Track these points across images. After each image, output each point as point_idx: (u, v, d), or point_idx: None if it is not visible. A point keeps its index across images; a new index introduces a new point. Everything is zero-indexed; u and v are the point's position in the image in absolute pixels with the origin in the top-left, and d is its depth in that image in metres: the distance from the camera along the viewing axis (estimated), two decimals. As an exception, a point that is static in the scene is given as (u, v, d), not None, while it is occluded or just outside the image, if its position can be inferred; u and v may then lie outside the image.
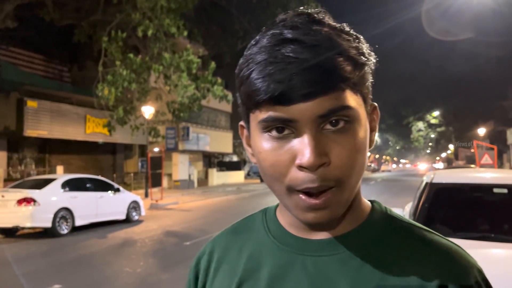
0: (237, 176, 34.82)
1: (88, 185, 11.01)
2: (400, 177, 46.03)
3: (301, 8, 0.58)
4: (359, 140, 0.54)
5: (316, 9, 0.58)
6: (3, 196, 9.54)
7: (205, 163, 32.43)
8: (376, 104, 0.61)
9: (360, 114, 0.55)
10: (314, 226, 0.60)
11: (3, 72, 17.81)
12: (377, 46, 0.62)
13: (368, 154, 0.60)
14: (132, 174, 23.24)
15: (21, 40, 19.10)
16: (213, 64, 12.55)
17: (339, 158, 0.53)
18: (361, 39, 0.58)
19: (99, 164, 22.26)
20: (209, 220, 12.26)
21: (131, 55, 11.48)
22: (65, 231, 9.86)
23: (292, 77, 0.50)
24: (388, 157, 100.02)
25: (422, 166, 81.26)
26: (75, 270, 6.64)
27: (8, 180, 15.96)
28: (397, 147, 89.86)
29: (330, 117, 0.52)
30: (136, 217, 12.12)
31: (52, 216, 9.58)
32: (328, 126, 0.53)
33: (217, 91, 12.79)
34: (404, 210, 4.44)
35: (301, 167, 0.52)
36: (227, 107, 30.74)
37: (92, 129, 19.43)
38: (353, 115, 0.54)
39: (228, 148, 33.57)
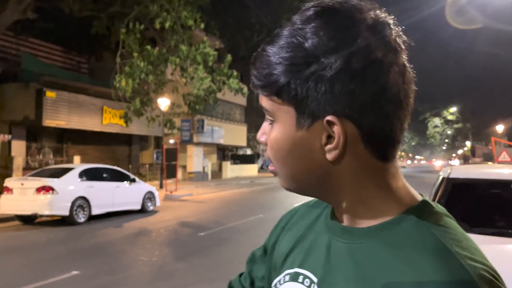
0: (251, 169, 34.91)
1: (104, 175, 11.19)
2: (415, 173, 45.58)
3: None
4: (274, 137, 0.61)
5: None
6: (22, 184, 9.76)
7: (219, 156, 32.59)
8: (330, 119, 0.55)
9: (280, 119, 0.60)
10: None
11: (23, 63, 18.13)
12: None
13: None
14: (147, 165, 23.50)
15: (40, 31, 19.39)
16: (229, 57, 12.58)
17: (268, 142, 0.63)
18: (301, 55, 0.56)
19: (115, 155, 22.55)
20: (223, 212, 12.36)
21: (149, 47, 11.58)
22: (82, 220, 10.06)
23: (251, 72, 0.62)
24: (403, 153, 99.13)
25: (437, 162, 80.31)
26: (92, 257, 6.79)
27: (26, 169, 16.29)
28: (413, 143, 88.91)
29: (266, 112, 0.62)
30: (151, 208, 12.28)
31: (69, 204, 9.77)
32: (269, 117, 0.62)
33: (233, 84, 12.83)
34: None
35: None
36: (241, 100, 30.78)
37: (108, 120, 19.67)
38: (272, 116, 0.61)
39: (242, 141, 33.66)
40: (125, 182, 11.63)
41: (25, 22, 12.31)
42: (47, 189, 9.58)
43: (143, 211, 11.95)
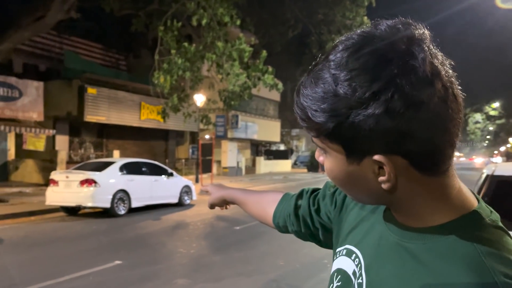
0: (284, 165, 34.91)
1: (143, 169, 11.53)
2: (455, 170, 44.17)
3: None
4: (329, 168, 0.66)
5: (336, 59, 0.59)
6: (67, 177, 10.20)
7: (252, 151, 32.78)
8: (378, 159, 0.58)
9: (332, 154, 0.64)
10: None
11: (66, 61, 18.86)
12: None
13: None
14: (183, 160, 23.95)
15: (81, 30, 20.09)
16: (264, 53, 12.63)
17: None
18: (331, 111, 0.58)
19: (152, 149, 23.12)
20: (257, 207, 12.45)
21: (186, 44, 11.80)
22: (122, 212, 10.41)
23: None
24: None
25: (478, 160, 77.46)
26: (133, 248, 7.04)
27: (69, 162, 16.98)
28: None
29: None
30: (188, 201, 12.55)
31: (111, 197, 10.14)
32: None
33: (268, 80, 12.88)
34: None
35: None
36: (275, 96, 30.78)
37: (146, 116, 20.18)
38: (325, 151, 0.64)
39: (276, 137, 33.70)
40: (163, 176, 11.94)
41: (67, 21, 12.80)
42: (90, 182, 9.97)
43: (180, 204, 12.23)
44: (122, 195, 10.48)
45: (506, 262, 0.56)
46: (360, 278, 0.68)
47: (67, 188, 10.12)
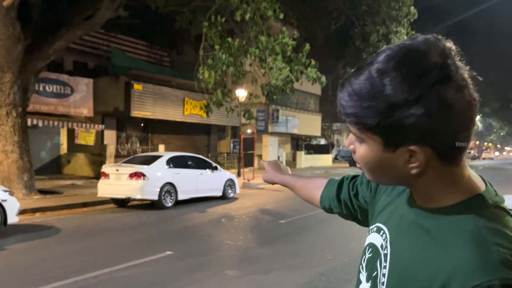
0: (325, 160, 34.58)
1: (189, 163, 11.78)
2: (504, 165, 42.23)
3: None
4: (365, 156, 0.77)
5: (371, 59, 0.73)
6: (117, 170, 10.60)
7: (292, 146, 32.68)
8: (414, 149, 0.71)
9: (369, 143, 0.75)
10: None
11: (113, 58, 19.51)
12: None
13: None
14: (225, 154, 24.25)
15: (127, 27, 20.70)
16: (307, 46, 12.53)
17: (356, 153, 0.79)
18: (372, 109, 0.70)
19: (195, 144, 23.56)
20: (300, 201, 12.25)
21: (230, 39, 11.90)
22: (169, 204, 10.70)
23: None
24: (490, 144, 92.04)
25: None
26: (182, 239, 7.23)
27: (117, 156, 17.61)
28: (502, 133, 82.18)
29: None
30: (232, 195, 12.72)
31: (158, 190, 10.45)
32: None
33: (311, 73, 12.77)
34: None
35: None
36: (316, 89, 30.48)
37: (189, 111, 20.57)
38: (362, 140, 0.75)
39: (317, 131, 33.40)
40: (208, 169, 12.15)
41: (113, 19, 13.25)
42: (139, 175, 10.31)
43: (224, 197, 12.42)
44: (169, 188, 10.76)
45: (501, 234, 0.69)
46: (386, 249, 0.82)
47: (117, 181, 10.51)
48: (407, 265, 0.75)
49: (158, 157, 11.27)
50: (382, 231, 0.87)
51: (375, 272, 0.84)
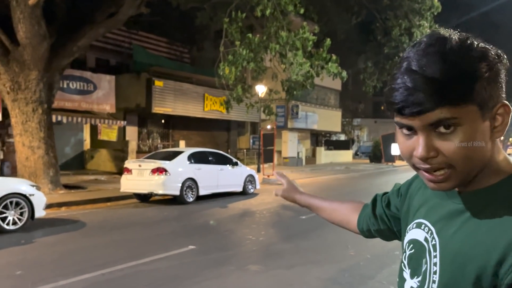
0: (345, 156, 34.32)
1: (210, 158, 11.87)
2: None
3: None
4: (466, 138, 0.74)
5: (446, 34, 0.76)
6: (140, 166, 10.75)
7: (312, 142, 32.53)
8: (505, 102, 0.76)
9: (470, 119, 0.73)
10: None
11: (135, 55, 19.76)
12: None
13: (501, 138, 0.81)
14: (244, 150, 24.33)
15: (148, 24, 20.89)
16: (328, 41, 12.43)
17: (447, 151, 0.74)
18: (480, 62, 0.73)
19: (215, 139, 23.70)
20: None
21: (250, 35, 11.90)
22: (191, 199, 10.81)
23: (408, 99, 0.73)
24: (511, 139, 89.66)
25: None
26: (204, 234, 7.30)
27: (138, 152, 17.87)
28: (527, 129, 79.97)
29: (438, 125, 0.73)
30: (252, 190, 12.77)
31: (180, 185, 10.56)
32: (442, 129, 0.74)
33: (332, 68, 12.68)
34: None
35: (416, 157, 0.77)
36: (337, 85, 30.24)
37: (209, 107, 20.70)
38: (461, 122, 0.73)
39: (337, 127, 33.17)
40: (228, 165, 12.22)
41: (134, 16, 13.41)
42: (161, 170, 10.44)
43: (244, 193, 12.47)
44: (191, 183, 10.87)
45: None
46: (433, 240, 0.83)
47: (139, 176, 10.66)
48: (459, 249, 0.76)
49: (179, 152, 11.39)
50: (423, 225, 0.88)
51: (424, 266, 0.84)
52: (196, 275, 4.97)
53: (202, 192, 11.17)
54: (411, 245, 0.90)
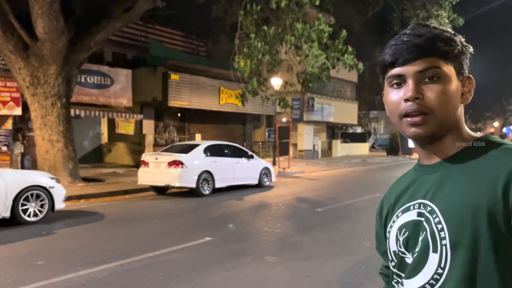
0: (362, 148, 34.04)
1: (226, 151, 11.91)
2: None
3: None
4: (445, 88, 0.89)
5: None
6: (156, 159, 10.86)
7: (328, 134, 32.33)
8: (470, 75, 0.95)
9: (449, 75, 0.90)
10: (419, 142, 0.96)
11: (151, 49, 19.88)
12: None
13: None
14: (260, 143, 24.34)
15: (164, 18, 20.98)
16: (344, 33, 12.29)
17: (430, 96, 0.89)
18: (454, 37, 0.93)
19: (230, 133, 23.76)
20: (337, 189, 12.36)
21: (265, 27, 11.85)
22: (207, 192, 10.89)
23: (402, 51, 0.91)
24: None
25: None
26: (221, 226, 7.36)
27: (155, 145, 18.04)
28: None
29: (426, 73, 0.89)
30: (267, 183, 12.79)
31: (196, 178, 10.64)
32: (427, 80, 0.89)
33: (348, 60, 12.54)
34: None
35: (405, 100, 0.91)
36: (353, 77, 29.95)
37: (225, 100, 20.74)
38: (442, 74, 0.89)
39: (353, 119, 32.89)
40: (244, 158, 12.26)
41: (150, 10, 13.47)
42: (177, 163, 10.53)
43: (259, 186, 12.50)
44: (207, 176, 10.94)
45: None
46: (429, 207, 0.90)
47: (156, 169, 10.78)
48: (462, 201, 0.83)
49: (195, 145, 11.46)
50: (411, 206, 0.95)
51: (423, 234, 0.89)
52: (213, 266, 5.02)
53: (218, 184, 11.23)
54: (403, 230, 0.95)
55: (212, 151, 11.46)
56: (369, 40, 21.44)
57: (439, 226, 0.85)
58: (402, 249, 0.94)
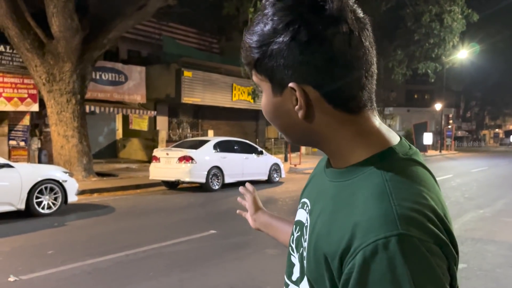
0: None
1: (235, 147, 12.07)
2: None
3: None
4: (263, 102, 0.75)
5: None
6: (167, 154, 11.08)
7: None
8: (292, 86, 0.67)
9: (262, 87, 0.73)
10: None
11: (165, 46, 20.14)
12: None
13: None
14: (272, 140, 24.45)
15: (177, 15, 21.20)
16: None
17: None
18: (260, 33, 0.68)
19: (243, 129, 23.91)
20: (346, 186, 12.38)
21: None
22: (216, 187, 11.06)
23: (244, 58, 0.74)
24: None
25: None
26: (227, 220, 7.51)
27: (168, 141, 18.32)
28: None
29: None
30: (277, 179, 12.90)
31: (206, 173, 10.82)
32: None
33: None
34: None
35: None
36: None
37: (238, 97, 20.88)
38: (257, 84, 0.74)
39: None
40: (254, 154, 12.39)
41: (164, 8, 13.69)
42: (188, 159, 10.73)
43: (269, 181, 12.62)
44: (216, 171, 11.11)
45: (406, 188, 0.64)
46: (307, 221, 0.76)
47: (167, 164, 11.00)
48: (319, 231, 0.69)
49: (205, 141, 11.65)
50: (305, 205, 0.81)
51: (301, 249, 0.77)
52: (215, 257, 5.18)
53: (227, 180, 11.40)
54: (297, 227, 0.82)
55: (222, 147, 11.63)
56: (383, 35, 21.28)
57: (304, 254, 0.74)
58: (293, 246, 0.83)
